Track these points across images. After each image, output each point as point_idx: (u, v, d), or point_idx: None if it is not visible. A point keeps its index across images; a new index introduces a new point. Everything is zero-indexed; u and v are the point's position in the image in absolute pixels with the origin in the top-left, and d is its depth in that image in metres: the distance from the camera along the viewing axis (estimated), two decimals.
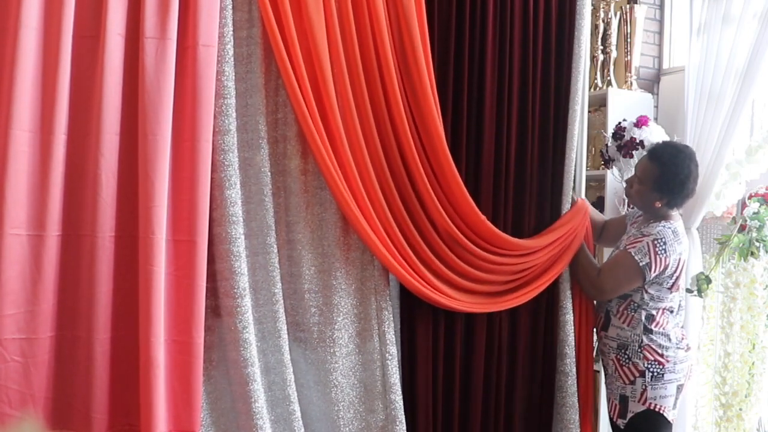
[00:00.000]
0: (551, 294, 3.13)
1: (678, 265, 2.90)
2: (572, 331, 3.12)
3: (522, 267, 3.03)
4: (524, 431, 3.14)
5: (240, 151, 2.69)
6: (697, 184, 2.98)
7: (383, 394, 2.84)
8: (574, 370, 3.10)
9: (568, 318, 3.11)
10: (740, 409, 3.40)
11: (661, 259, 2.84)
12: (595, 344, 3.27)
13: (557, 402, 3.14)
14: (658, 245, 2.85)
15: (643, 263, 2.84)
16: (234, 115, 2.65)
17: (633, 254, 2.86)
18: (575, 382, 3.10)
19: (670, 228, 2.90)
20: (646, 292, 2.91)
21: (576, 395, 3.11)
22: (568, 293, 3.13)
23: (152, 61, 2.48)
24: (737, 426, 3.40)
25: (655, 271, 2.85)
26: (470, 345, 3.04)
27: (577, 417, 3.09)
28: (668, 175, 2.90)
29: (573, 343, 3.12)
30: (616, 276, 2.93)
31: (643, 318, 2.91)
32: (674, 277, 2.90)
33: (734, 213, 3.55)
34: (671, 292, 2.92)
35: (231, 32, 2.65)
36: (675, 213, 3.00)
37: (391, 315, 2.87)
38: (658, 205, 2.93)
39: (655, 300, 2.91)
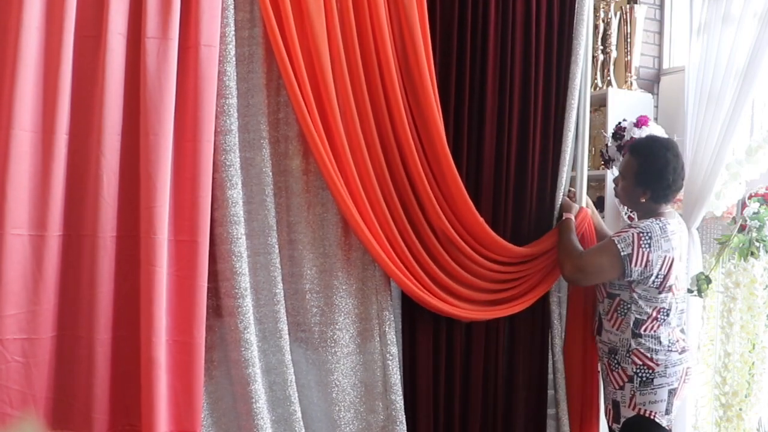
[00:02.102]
0: (545, 295, 3.16)
1: (663, 263, 2.82)
2: (559, 330, 3.16)
3: (519, 275, 3.04)
4: (524, 431, 3.14)
5: (241, 151, 2.69)
6: (682, 176, 2.92)
7: (384, 395, 2.84)
8: (561, 368, 3.14)
9: (555, 314, 3.16)
10: (740, 409, 3.39)
11: (644, 252, 2.79)
12: None
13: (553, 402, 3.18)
14: (642, 238, 2.80)
15: (625, 253, 2.79)
16: (235, 115, 2.65)
17: (616, 242, 2.81)
18: (561, 381, 3.14)
19: (658, 224, 2.85)
20: (634, 291, 2.86)
21: (563, 395, 3.13)
22: (556, 295, 3.17)
23: (154, 61, 2.48)
24: (737, 426, 3.40)
25: (636, 265, 2.79)
26: (470, 345, 3.05)
27: (566, 417, 3.13)
28: (645, 166, 2.89)
29: (559, 344, 3.15)
30: (599, 259, 2.85)
31: (631, 322, 2.86)
32: (661, 276, 2.83)
33: (734, 213, 3.55)
34: (660, 293, 2.85)
35: (233, 32, 2.65)
36: (667, 210, 2.95)
37: (392, 315, 2.87)
38: (643, 200, 2.91)
39: (644, 300, 2.85)
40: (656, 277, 2.83)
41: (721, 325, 3.50)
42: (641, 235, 2.81)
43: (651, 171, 2.88)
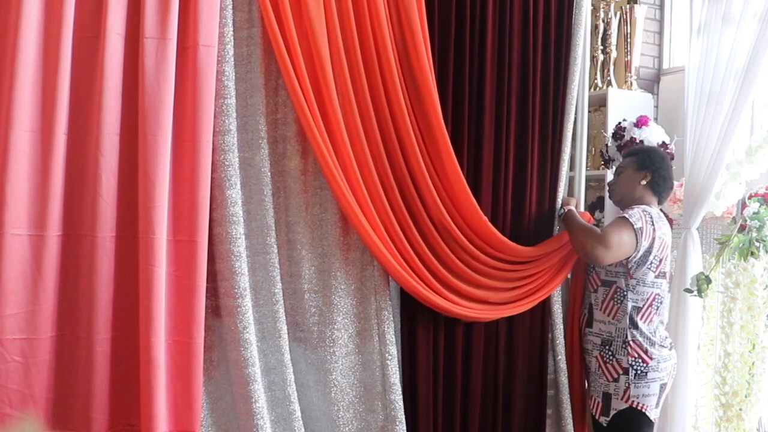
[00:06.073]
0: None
1: (662, 245, 2.93)
2: (560, 330, 3.17)
3: (521, 275, 3.04)
4: (523, 430, 3.15)
5: (240, 151, 2.69)
6: (672, 176, 3.07)
7: (383, 394, 2.84)
8: (563, 368, 3.15)
9: (558, 311, 3.17)
10: (740, 409, 3.39)
11: (649, 229, 2.89)
12: None
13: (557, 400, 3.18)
14: (646, 216, 2.92)
15: (637, 226, 2.87)
16: (234, 115, 2.65)
17: (628, 217, 2.90)
18: (566, 379, 3.15)
19: (655, 209, 3.01)
20: (632, 276, 2.92)
21: (565, 395, 3.15)
22: (558, 295, 3.18)
23: (152, 61, 2.48)
24: (737, 426, 3.40)
25: (645, 239, 2.88)
26: (470, 344, 3.05)
27: (569, 417, 3.14)
28: (645, 153, 3.09)
29: (561, 343, 3.16)
30: (618, 235, 2.86)
31: (628, 310, 2.91)
32: (658, 259, 2.93)
33: (734, 213, 3.55)
34: (656, 277, 2.94)
35: (231, 32, 2.66)
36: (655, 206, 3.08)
37: (391, 315, 2.87)
38: (644, 182, 3.02)
39: (641, 285, 2.92)
40: (654, 257, 2.92)
41: (721, 325, 3.49)
42: (645, 212, 2.93)
43: (653, 155, 3.07)
